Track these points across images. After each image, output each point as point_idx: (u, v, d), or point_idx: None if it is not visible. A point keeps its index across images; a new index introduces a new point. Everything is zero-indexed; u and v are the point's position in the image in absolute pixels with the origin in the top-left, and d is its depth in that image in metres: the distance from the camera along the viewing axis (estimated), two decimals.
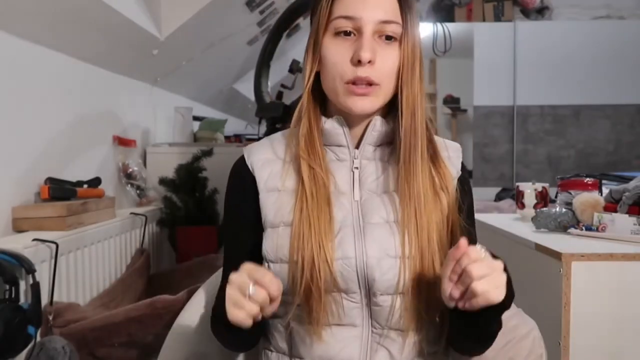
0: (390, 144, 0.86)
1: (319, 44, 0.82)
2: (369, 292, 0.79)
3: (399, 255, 0.79)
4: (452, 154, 0.89)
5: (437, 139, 0.89)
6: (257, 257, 0.83)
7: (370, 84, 0.79)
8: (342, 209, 0.82)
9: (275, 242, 0.81)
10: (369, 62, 0.77)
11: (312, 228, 0.78)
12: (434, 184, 0.83)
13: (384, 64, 0.79)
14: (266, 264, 0.83)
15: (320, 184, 0.81)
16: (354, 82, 0.79)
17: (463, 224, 0.84)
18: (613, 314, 1.25)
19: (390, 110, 0.85)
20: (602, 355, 1.26)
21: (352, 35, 0.79)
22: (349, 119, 0.84)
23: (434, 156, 0.84)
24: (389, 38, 0.80)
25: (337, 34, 0.80)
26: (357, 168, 0.85)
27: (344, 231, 0.80)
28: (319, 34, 0.82)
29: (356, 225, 0.81)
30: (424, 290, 0.78)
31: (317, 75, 0.84)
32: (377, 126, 0.83)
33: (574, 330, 1.23)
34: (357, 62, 0.78)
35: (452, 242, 0.82)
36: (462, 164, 0.89)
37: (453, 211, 0.83)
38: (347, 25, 0.79)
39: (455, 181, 0.86)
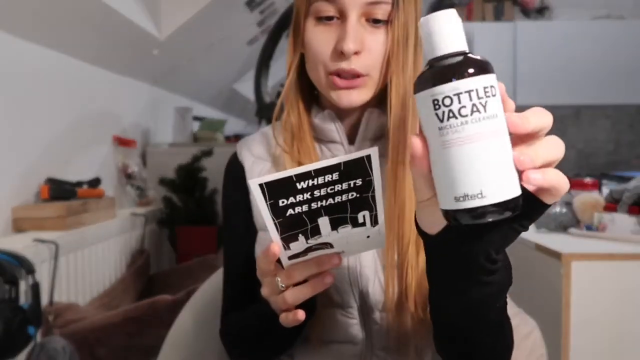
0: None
1: (300, 29, 0.72)
2: (366, 307, 0.72)
3: (385, 266, 0.70)
4: None
5: None
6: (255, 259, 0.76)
7: (357, 75, 0.69)
8: None
9: (264, 247, 0.77)
10: (355, 53, 0.67)
11: None
12: None
13: (371, 52, 0.68)
14: None
15: None
16: (338, 74, 0.69)
17: None
18: (613, 314, 1.25)
19: (386, 97, 0.73)
20: (602, 355, 1.26)
21: (335, 19, 0.69)
22: (341, 112, 0.74)
23: None
24: (377, 21, 0.68)
25: (319, 18, 0.69)
26: None
27: None
28: (300, 17, 0.71)
29: None
30: (416, 305, 0.69)
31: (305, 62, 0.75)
32: (373, 119, 0.74)
33: (574, 330, 1.23)
34: (341, 54, 0.67)
35: None
36: None
37: None
38: (328, 9, 0.68)
39: None
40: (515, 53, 3.91)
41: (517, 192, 0.41)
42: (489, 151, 0.40)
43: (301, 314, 0.59)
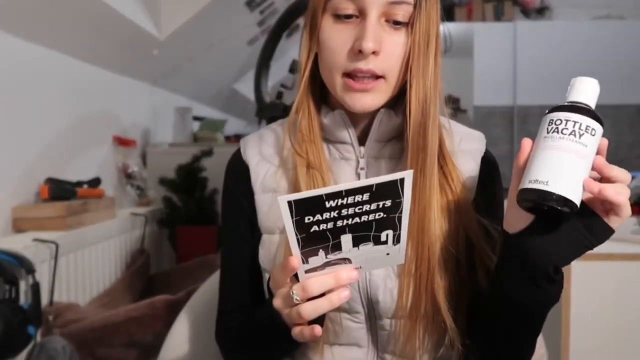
0: (401, 137, 0.73)
1: (316, 26, 0.70)
2: (374, 313, 0.71)
3: (399, 273, 0.69)
4: (476, 145, 0.77)
5: (461, 129, 0.78)
6: (257, 262, 0.76)
7: (373, 76, 0.67)
8: None
9: (270, 251, 0.73)
10: (373, 52, 0.65)
11: None
12: (443, 192, 0.71)
13: (390, 54, 0.67)
14: (265, 274, 0.76)
15: (320, 185, 0.70)
16: (353, 75, 0.67)
17: (482, 223, 0.71)
18: (613, 314, 1.25)
19: (399, 99, 0.72)
20: (602, 355, 1.26)
21: (354, 18, 0.67)
22: (352, 112, 0.72)
23: (443, 158, 0.72)
24: (397, 23, 0.67)
25: (337, 16, 0.68)
26: (363, 169, 0.74)
27: None
28: (317, 14, 0.69)
29: None
30: (428, 313, 0.68)
31: (317, 60, 0.73)
32: (385, 120, 0.72)
33: (574, 330, 1.24)
34: (358, 53, 0.65)
35: (468, 249, 0.71)
36: (488, 153, 0.77)
37: (467, 216, 0.71)
38: (347, 7, 0.66)
39: (477, 174, 0.75)
40: (515, 53, 3.91)
41: (576, 199, 0.55)
42: (567, 161, 0.55)
43: (318, 330, 0.58)
